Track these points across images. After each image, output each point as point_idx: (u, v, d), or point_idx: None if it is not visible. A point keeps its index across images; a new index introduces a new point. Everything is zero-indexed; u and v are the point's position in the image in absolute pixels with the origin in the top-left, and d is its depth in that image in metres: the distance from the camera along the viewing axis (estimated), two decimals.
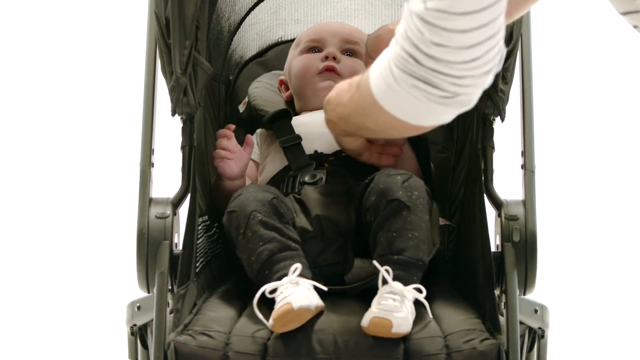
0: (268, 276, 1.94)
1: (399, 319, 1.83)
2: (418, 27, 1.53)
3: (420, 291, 1.91)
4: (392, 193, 1.98)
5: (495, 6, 1.50)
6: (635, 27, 1.70)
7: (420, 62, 1.55)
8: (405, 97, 1.60)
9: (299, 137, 2.27)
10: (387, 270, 1.89)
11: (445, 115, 1.64)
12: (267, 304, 1.90)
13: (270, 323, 1.85)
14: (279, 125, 2.32)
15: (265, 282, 1.93)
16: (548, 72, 3.47)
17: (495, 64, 1.56)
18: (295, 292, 1.87)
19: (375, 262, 1.92)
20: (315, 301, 1.88)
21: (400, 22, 1.59)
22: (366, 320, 1.84)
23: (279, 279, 1.91)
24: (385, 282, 1.89)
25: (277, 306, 1.85)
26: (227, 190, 2.17)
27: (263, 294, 1.89)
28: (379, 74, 1.64)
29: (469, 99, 1.60)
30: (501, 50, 1.56)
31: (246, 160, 2.22)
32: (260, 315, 1.87)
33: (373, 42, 2.06)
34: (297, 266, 1.92)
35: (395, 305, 1.85)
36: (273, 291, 1.90)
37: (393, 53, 1.60)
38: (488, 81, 1.58)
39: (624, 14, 1.68)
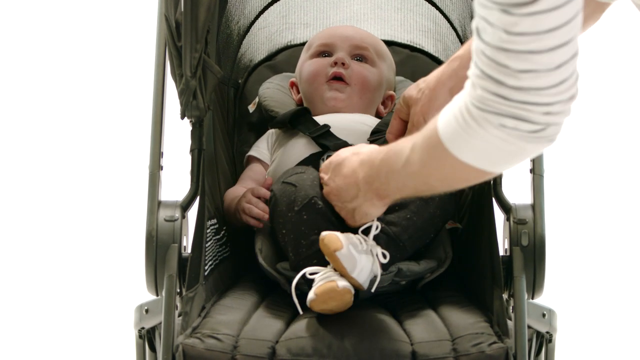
0: (314, 265, 1.94)
1: (350, 252, 1.88)
2: (500, 62, 1.49)
3: (384, 256, 1.94)
4: None
5: (575, 20, 1.48)
6: None
7: (507, 98, 1.51)
8: (488, 139, 1.55)
9: (328, 126, 2.27)
10: (377, 226, 1.94)
11: (529, 154, 1.59)
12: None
13: (311, 297, 1.86)
14: (302, 121, 2.32)
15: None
16: None
17: (577, 89, 1.54)
18: (339, 277, 1.89)
19: None
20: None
21: (471, 65, 1.54)
22: (325, 233, 1.89)
23: None
24: (367, 231, 1.94)
25: (320, 283, 1.87)
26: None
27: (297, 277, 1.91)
28: (452, 120, 1.59)
29: (557, 130, 1.56)
30: (579, 75, 1.53)
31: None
32: (295, 299, 1.88)
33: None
34: None
35: (358, 245, 1.90)
36: (312, 273, 1.91)
37: (471, 96, 1.55)
38: (571, 109, 1.55)
39: None
